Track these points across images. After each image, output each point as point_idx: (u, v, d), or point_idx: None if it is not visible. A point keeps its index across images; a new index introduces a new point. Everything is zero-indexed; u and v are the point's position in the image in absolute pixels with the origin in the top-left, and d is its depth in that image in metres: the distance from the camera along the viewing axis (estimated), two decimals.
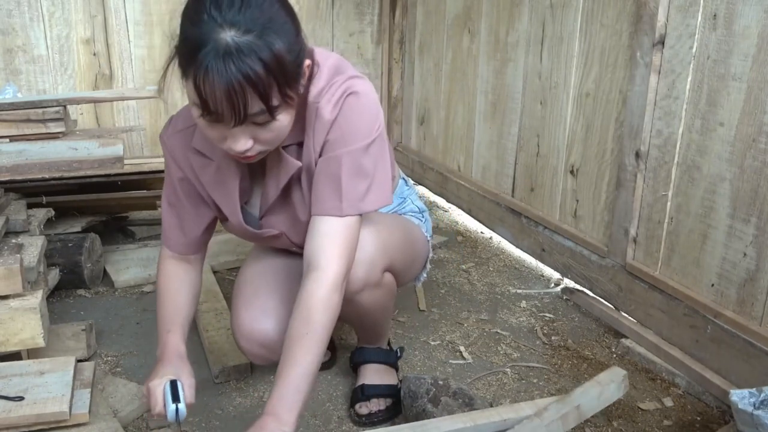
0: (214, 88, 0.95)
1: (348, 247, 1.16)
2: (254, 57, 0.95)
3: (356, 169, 1.15)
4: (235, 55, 0.94)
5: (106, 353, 1.70)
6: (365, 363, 1.51)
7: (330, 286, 1.12)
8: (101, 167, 1.87)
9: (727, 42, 1.46)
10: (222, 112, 0.98)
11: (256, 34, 0.96)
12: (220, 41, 0.95)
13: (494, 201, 2.44)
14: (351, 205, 1.15)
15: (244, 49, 0.95)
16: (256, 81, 0.96)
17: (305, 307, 1.12)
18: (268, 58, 0.96)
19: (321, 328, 1.11)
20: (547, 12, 2.08)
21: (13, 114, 1.88)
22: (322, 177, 1.16)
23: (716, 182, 1.52)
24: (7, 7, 2.49)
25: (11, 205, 1.74)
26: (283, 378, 1.08)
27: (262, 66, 0.96)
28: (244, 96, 0.96)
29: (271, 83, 0.98)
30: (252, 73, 0.95)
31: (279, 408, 1.06)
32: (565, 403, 1.30)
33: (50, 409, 1.25)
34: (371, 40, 3.13)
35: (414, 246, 1.47)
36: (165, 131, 1.28)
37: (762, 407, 1.16)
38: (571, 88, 2.00)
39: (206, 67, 0.95)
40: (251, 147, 1.05)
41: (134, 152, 2.78)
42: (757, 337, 1.42)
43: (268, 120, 1.02)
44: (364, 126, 1.16)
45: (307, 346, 1.10)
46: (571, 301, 2.01)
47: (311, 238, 1.16)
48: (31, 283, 1.47)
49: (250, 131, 1.04)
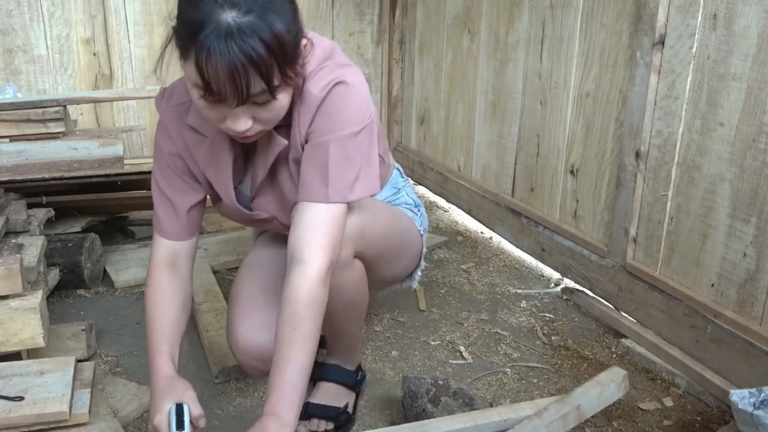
0: (216, 69, 0.95)
1: (333, 237, 1.14)
2: (256, 37, 0.95)
3: (344, 156, 1.14)
4: (237, 36, 0.94)
5: (106, 353, 1.70)
6: (320, 380, 1.46)
7: (315, 279, 1.11)
8: (101, 167, 1.87)
9: (727, 42, 1.46)
10: (224, 93, 0.98)
11: (257, 14, 0.96)
12: (222, 22, 0.95)
13: (494, 201, 2.44)
14: (338, 192, 1.14)
15: (245, 29, 0.95)
16: (258, 61, 0.96)
17: (291, 302, 1.10)
18: (270, 38, 0.96)
19: (309, 323, 1.10)
20: (547, 12, 2.08)
21: (13, 114, 1.87)
22: (309, 163, 1.15)
23: (716, 182, 1.52)
24: (7, 7, 2.49)
25: (11, 205, 1.74)
26: (278, 377, 1.08)
27: (263, 46, 0.96)
28: (247, 76, 0.96)
29: (272, 63, 0.98)
30: (254, 53, 0.95)
31: (279, 408, 1.05)
32: (565, 403, 1.30)
33: (50, 409, 1.25)
34: (371, 40, 3.13)
35: (401, 238, 1.44)
36: (159, 101, 1.26)
37: (762, 407, 1.16)
38: (571, 88, 2.00)
39: (209, 48, 0.94)
40: (251, 127, 1.05)
41: (134, 152, 2.78)
42: (757, 337, 1.42)
43: (269, 100, 1.02)
44: (353, 114, 1.15)
45: (298, 343, 1.09)
46: (571, 301, 2.01)
47: (295, 227, 1.14)
48: (31, 283, 1.47)
49: (250, 111, 1.04)
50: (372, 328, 1.84)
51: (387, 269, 1.41)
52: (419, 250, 1.53)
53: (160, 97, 1.27)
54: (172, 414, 1.08)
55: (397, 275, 1.51)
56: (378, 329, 1.84)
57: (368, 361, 1.68)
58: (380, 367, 1.67)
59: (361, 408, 1.50)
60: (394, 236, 1.41)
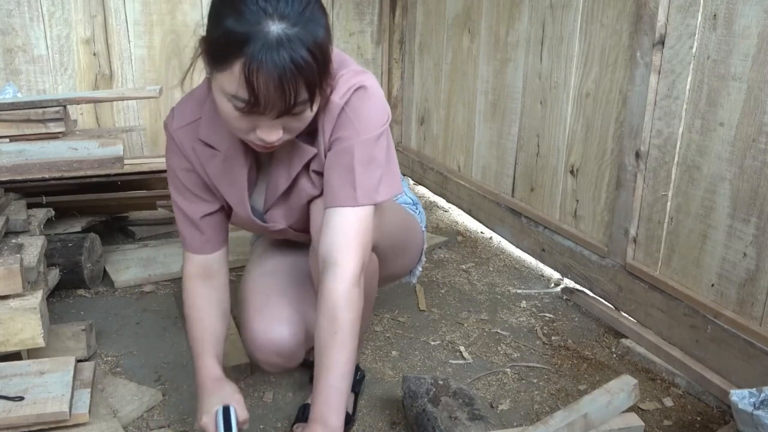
0: (267, 79, 0.96)
1: (364, 238, 1.15)
2: (303, 47, 0.96)
3: (368, 159, 1.15)
4: (286, 46, 0.95)
5: (106, 353, 1.70)
6: None
7: (350, 281, 1.12)
8: (101, 167, 1.87)
9: (727, 42, 1.45)
10: (271, 103, 0.98)
11: (302, 25, 0.97)
12: (272, 33, 0.95)
13: (494, 201, 2.44)
14: (365, 195, 1.15)
15: (294, 39, 0.96)
16: (307, 70, 0.97)
17: (329, 305, 1.11)
18: (314, 48, 0.98)
19: (348, 324, 1.11)
20: (547, 12, 2.08)
21: (13, 114, 1.87)
22: (334, 169, 1.16)
23: (716, 182, 1.52)
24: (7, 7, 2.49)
25: (11, 205, 1.74)
26: (323, 382, 1.07)
27: (311, 56, 0.97)
28: (296, 86, 0.97)
29: (315, 73, 0.99)
30: (303, 62, 0.96)
31: (326, 413, 1.05)
32: (572, 411, 1.28)
33: (50, 409, 1.25)
34: (371, 40, 3.13)
35: (408, 233, 1.45)
36: (170, 123, 1.26)
37: (762, 407, 1.16)
38: (571, 88, 2.00)
39: (260, 59, 0.95)
40: (281, 137, 1.06)
41: (134, 152, 2.78)
42: (757, 337, 1.42)
43: (305, 109, 1.03)
44: (374, 118, 1.16)
45: (339, 345, 1.09)
46: (571, 301, 2.01)
47: (326, 232, 1.15)
48: (31, 283, 1.46)
49: (284, 121, 1.04)
50: (372, 328, 1.84)
51: (395, 262, 1.43)
52: (421, 246, 1.55)
53: (170, 119, 1.27)
54: (219, 416, 1.07)
55: (402, 270, 1.52)
56: (378, 329, 1.84)
57: (368, 361, 1.68)
58: (380, 367, 1.67)
59: (361, 408, 1.50)
60: (402, 231, 1.43)
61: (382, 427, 1.44)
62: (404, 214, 1.45)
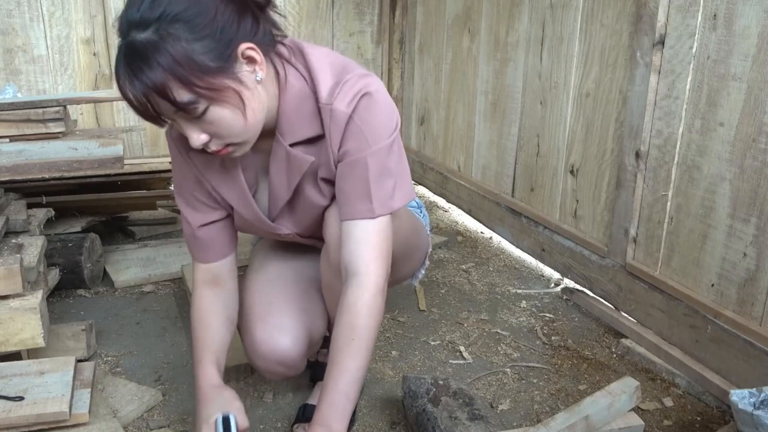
0: (128, 96, 0.97)
1: (384, 248, 1.15)
2: (152, 61, 0.94)
3: (382, 169, 1.14)
4: (135, 62, 0.94)
5: (106, 353, 1.70)
6: (320, 380, 1.43)
7: (373, 289, 1.11)
8: (101, 167, 1.87)
9: (727, 42, 1.45)
10: (141, 109, 0.99)
11: (154, 30, 0.94)
12: (120, 47, 0.97)
13: (494, 201, 2.44)
14: (382, 204, 1.14)
15: (141, 52, 0.94)
16: (157, 87, 0.95)
17: (351, 312, 1.10)
18: (165, 60, 0.94)
19: (367, 333, 1.10)
20: (547, 12, 2.08)
21: (13, 114, 1.87)
22: (348, 181, 1.14)
23: (716, 182, 1.52)
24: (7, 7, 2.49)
25: (11, 205, 1.74)
26: (333, 386, 1.07)
27: (160, 69, 0.94)
28: (150, 101, 0.97)
29: (172, 83, 0.96)
30: (149, 81, 0.94)
31: (330, 418, 1.04)
32: (573, 412, 1.27)
33: (50, 409, 1.25)
34: (371, 40, 3.13)
35: (415, 237, 1.45)
36: (171, 130, 1.26)
37: (762, 407, 1.16)
38: (571, 88, 2.00)
39: (118, 76, 0.97)
40: (209, 140, 1.04)
41: (134, 152, 2.78)
42: (757, 337, 1.42)
43: (196, 114, 1.00)
44: (384, 126, 1.14)
45: (354, 352, 1.08)
46: (571, 301, 2.01)
47: (347, 245, 1.14)
48: (31, 283, 1.47)
49: (197, 126, 1.02)
50: None
51: (403, 266, 1.42)
52: (426, 249, 1.55)
53: (170, 126, 1.27)
54: (219, 424, 1.06)
55: (408, 273, 1.52)
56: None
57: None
58: (380, 367, 1.67)
59: (361, 408, 1.50)
60: (411, 234, 1.42)
61: (382, 427, 1.44)
62: (412, 219, 1.45)
